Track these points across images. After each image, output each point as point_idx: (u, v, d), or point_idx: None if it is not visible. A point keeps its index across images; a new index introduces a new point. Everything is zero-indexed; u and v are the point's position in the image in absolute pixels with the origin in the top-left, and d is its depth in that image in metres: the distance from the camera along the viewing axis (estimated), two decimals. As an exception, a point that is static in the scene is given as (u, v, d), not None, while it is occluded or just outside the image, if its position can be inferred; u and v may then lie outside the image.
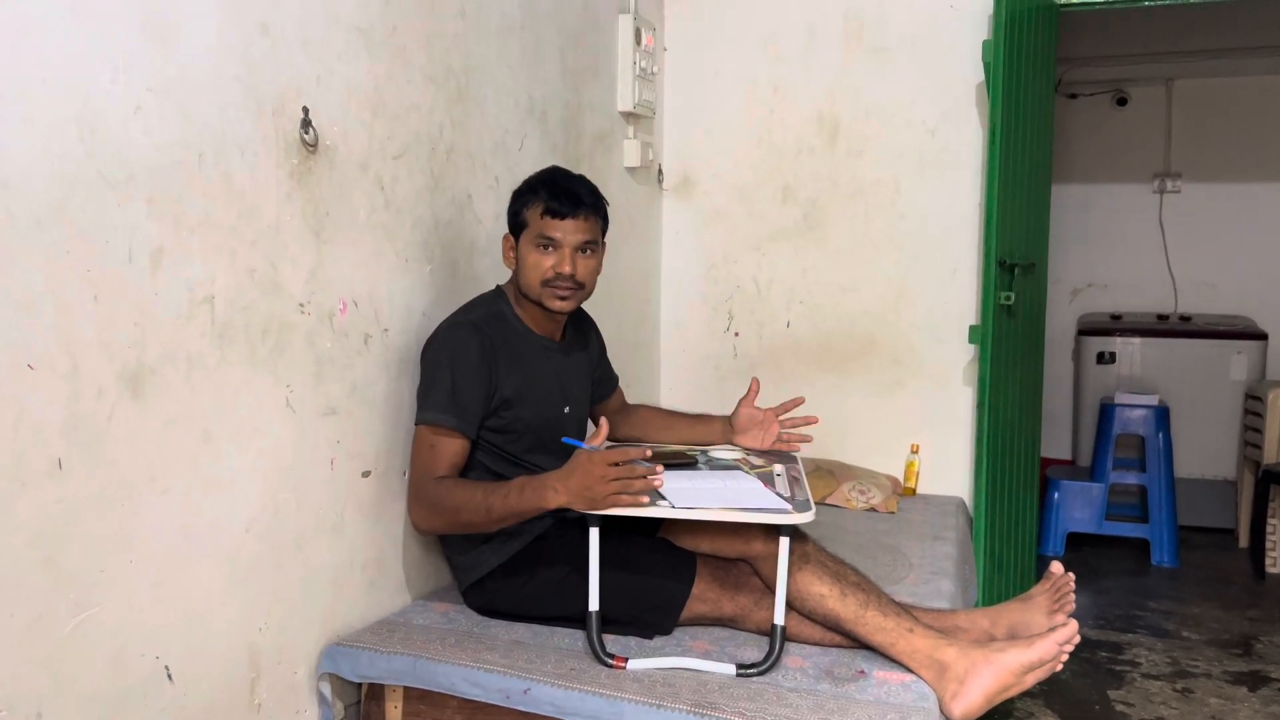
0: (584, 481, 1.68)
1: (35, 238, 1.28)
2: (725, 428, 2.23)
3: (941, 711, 1.66)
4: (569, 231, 1.93)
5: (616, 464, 1.67)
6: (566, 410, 2.06)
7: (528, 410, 1.96)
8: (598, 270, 2.02)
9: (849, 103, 3.25)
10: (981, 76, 3.00)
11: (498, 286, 2.09)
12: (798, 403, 2.19)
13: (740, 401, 2.21)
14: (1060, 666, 1.71)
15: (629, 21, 3.03)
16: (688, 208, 3.46)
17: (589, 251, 1.97)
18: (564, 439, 1.88)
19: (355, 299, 1.89)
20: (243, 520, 1.65)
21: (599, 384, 2.29)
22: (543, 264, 1.93)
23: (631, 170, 3.16)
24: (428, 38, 2.08)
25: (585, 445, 1.75)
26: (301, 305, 1.75)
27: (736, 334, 3.44)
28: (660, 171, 3.44)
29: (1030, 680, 1.68)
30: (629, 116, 3.13)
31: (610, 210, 2.05)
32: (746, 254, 3.40)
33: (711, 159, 3.42)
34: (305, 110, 1.73)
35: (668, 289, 3.52)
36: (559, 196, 1.92)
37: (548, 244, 1.93)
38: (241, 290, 1.61)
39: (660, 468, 1.72)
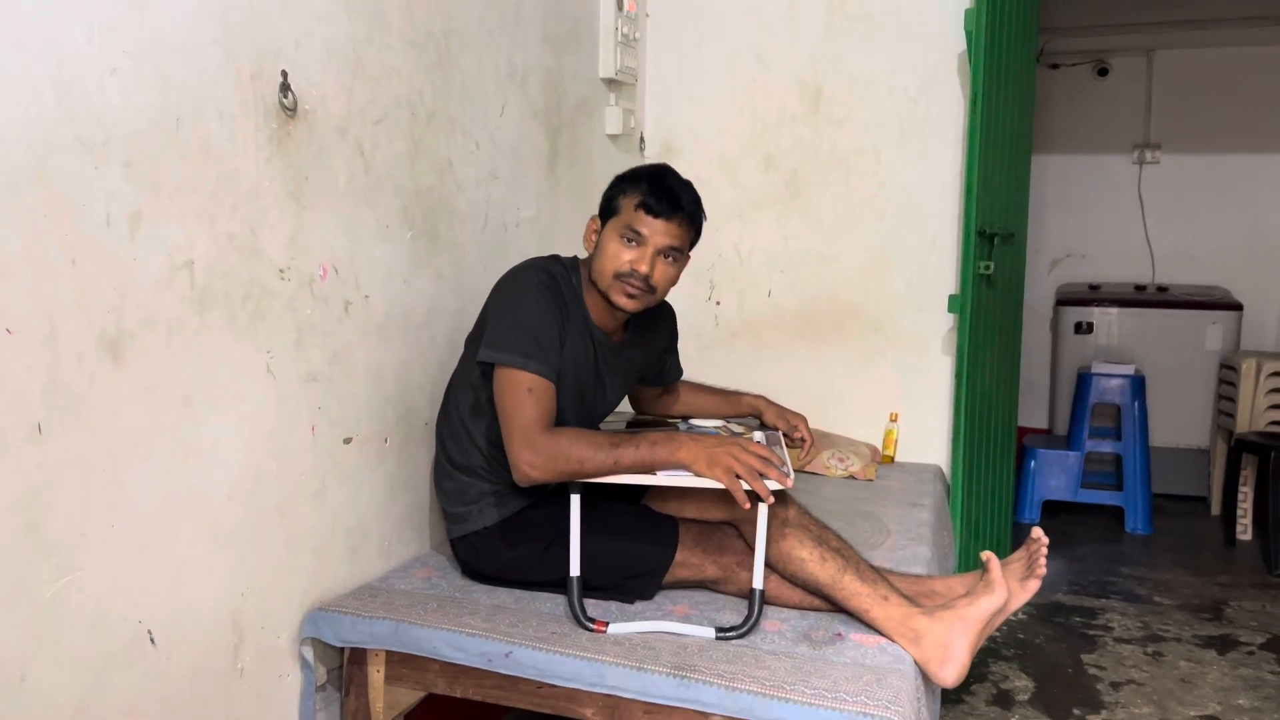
0: (718, 443, 1.71)
1: (11, 202, 1.27)
2: (758, 405, 2.28)
3: (931, 680, 1.69)
4: (658, 231, 1.87)
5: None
6: (594, 401, 2.04)
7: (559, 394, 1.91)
8: (674, 280, 1.96)
9: (831, 71, 3.24)
10: (963, 46, 3.00)
11: (576, 258, 2.03)
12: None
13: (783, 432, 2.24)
14: (1022, 602, 1.83)
15: (611, -13, 3.00)
16: (670, 176, 3.45)
17: (671, 258, 1.92)
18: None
19: (335, 265, 1.88)
20: (225, 486, 1.65)
21: (655, 375, 2.29)
22: (621, 256, 1.88)
23: (613, 137, 3.15)
24: (407, 1, 2.05)
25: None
26: (281, 271, 1.74)
27: (718, 303, 3.45)
28: (642, 139, 3.42)
29: (997, 622, 1.77)
30: (611, 83, 3.11)
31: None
32: (728, 223, 3.40)
33: (694, 127, 3.40)
34: (284, 74, 1.71)
35: (649, 257, 3.51)
36: (658, 194, 1.87)
37: (633, 238, 1.88)
38: (221, 255, 1.60)
39: (790, 480, 1.73)
